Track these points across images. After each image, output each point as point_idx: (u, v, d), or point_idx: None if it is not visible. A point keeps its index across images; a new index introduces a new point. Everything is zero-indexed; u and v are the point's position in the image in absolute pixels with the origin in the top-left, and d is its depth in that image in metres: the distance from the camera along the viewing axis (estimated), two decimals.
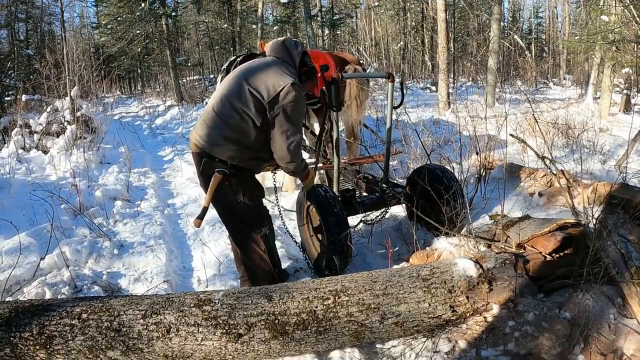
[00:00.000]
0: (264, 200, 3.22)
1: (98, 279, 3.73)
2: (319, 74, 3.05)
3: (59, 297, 3.40)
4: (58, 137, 7.98)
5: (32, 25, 26.30)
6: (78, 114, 8.36)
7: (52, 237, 4.03)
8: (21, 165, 6.76)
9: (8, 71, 15.28)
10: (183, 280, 3.90)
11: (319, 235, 3.60)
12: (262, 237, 3.06)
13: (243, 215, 3.02)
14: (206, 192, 2.93)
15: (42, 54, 18.35)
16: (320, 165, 4.81)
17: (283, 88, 2.73)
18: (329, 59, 5.44)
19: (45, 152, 7.47)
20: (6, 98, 12.89)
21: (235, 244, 3.22)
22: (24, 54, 21.88)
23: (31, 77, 15.83)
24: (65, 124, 8.22)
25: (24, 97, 9.79)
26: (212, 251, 4.19)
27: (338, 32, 26.62)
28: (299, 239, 3.87)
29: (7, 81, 14.71)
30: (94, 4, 29.37)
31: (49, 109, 8.65)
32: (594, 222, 2.96)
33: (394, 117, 4.16)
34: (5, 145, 7.78)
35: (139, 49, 18.91)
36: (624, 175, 4.42)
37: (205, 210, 2.94)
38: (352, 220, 3.91)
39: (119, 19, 18.32)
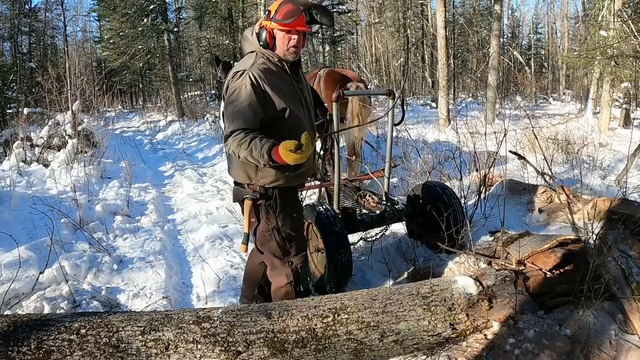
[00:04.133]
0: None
1: (97, 294, 3.72)
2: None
3: (58, 311, 3.39)
4: (59, 150, 8.02)
5: (35, 38, 26.56)
6: (79, 128, 8.41)
7: (52, 251, 4.02)
8: (22, 178, 6.78)
9: (10, 84, 15.35)
10: (182, 297, 3.89)
11: (320, 253, 3.60)
12: (292, 270, 2.82)
13: (275, 244, 2.77)
14: None
15: (44, 67, 18.47)
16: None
17: (228, 80, 2.57)
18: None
19: (46, 166, 7.50)
20: (8, 110, 12.92)
21: (267, 272, 2.99)
22: (26, 66, 22.01)
23: (33, 90, 15.90)
24: (67, 137, 8.26)
25: (25, 110, 9.85)
26: (212, 268, 4.19)
27: (339, 49, 26.80)
28: None
29: (10, 94, 14.75)
30: (96, 18, 29.65)
31: (50, 123, 8.71)
32: (594, 238, 2.96)
33: (394, 133, 4.17)
34: (7, 157, 7.81)
35: (141, 64, 19.03)
36: (624, 190, 4.44)
37: (247, 236, 2.77)
38: (352, 237, 3.90)
39: (121, 33, 18.42)
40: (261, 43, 2.63)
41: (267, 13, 2.63)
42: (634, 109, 12.89)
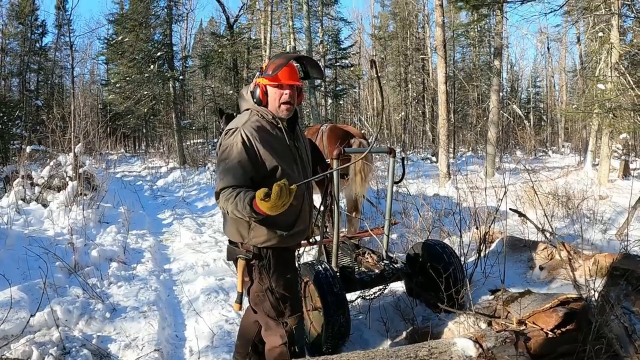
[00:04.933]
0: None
1: (87, 342, 3.63)
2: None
3: (46, 358, 3.30)
4: (59, 191, 8.00)
5: (43, 76, 27.10)
6: (80, 170, 8.42)
7: (44, 294, 3.95)
8: (20, 216, 6.73)
9: (15, 120, 15.48)
10: (174, 350, 3.78)
11: (317, 312, 3.52)
12: (287, 331, 2.71)
13: (269, 305, 2.70)
14: None
15: (50, 105, 18.68)
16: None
17: (221, 137, 2.62)
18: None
19: (44, 206, 7.46)
20: (11, 146, 12.99)
21: (262, 331, 2.90)
22: (32, 104, 22.33)
23: (38, 127, 16.02)
24: (67, 179, 8.26)
25: (28, 148, 9.89)
26: (206, 322, 4.10)
27: (341, 102, 27.33)
28: None
29: (14, 130, 14.84)
30: (104, 62, 30.28)
31: (52, 163, 8.73)
32: (596, 295, 2.93)
33: (394, 189, 4.17)
34: (6, 194, 7.78)
35: (146, 110, 19.24)
36: (625, 243, 4.41)
37: (240, 295, 2.71)
38: (350, 295, 3.82)
39: (127, 78, 18.73)
40: (255, 100, 2.66)
41: (259, 70, 2.67)
42: (633, 160, 12.98)
